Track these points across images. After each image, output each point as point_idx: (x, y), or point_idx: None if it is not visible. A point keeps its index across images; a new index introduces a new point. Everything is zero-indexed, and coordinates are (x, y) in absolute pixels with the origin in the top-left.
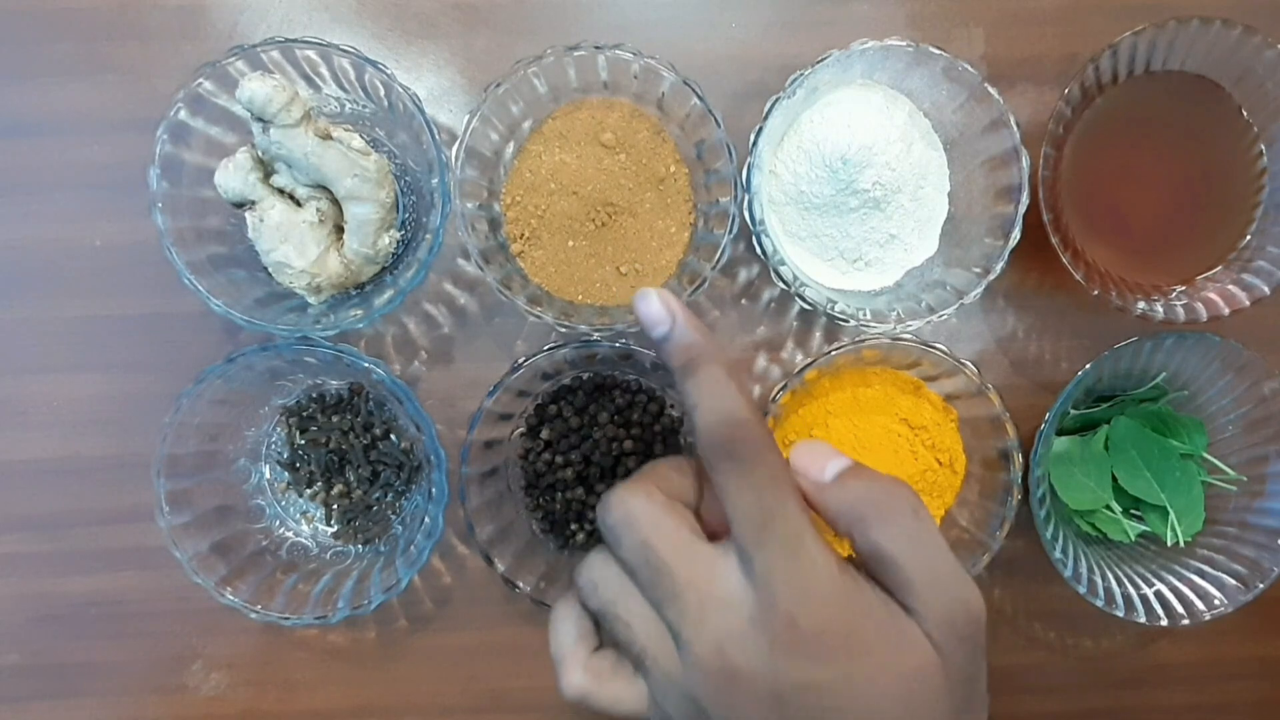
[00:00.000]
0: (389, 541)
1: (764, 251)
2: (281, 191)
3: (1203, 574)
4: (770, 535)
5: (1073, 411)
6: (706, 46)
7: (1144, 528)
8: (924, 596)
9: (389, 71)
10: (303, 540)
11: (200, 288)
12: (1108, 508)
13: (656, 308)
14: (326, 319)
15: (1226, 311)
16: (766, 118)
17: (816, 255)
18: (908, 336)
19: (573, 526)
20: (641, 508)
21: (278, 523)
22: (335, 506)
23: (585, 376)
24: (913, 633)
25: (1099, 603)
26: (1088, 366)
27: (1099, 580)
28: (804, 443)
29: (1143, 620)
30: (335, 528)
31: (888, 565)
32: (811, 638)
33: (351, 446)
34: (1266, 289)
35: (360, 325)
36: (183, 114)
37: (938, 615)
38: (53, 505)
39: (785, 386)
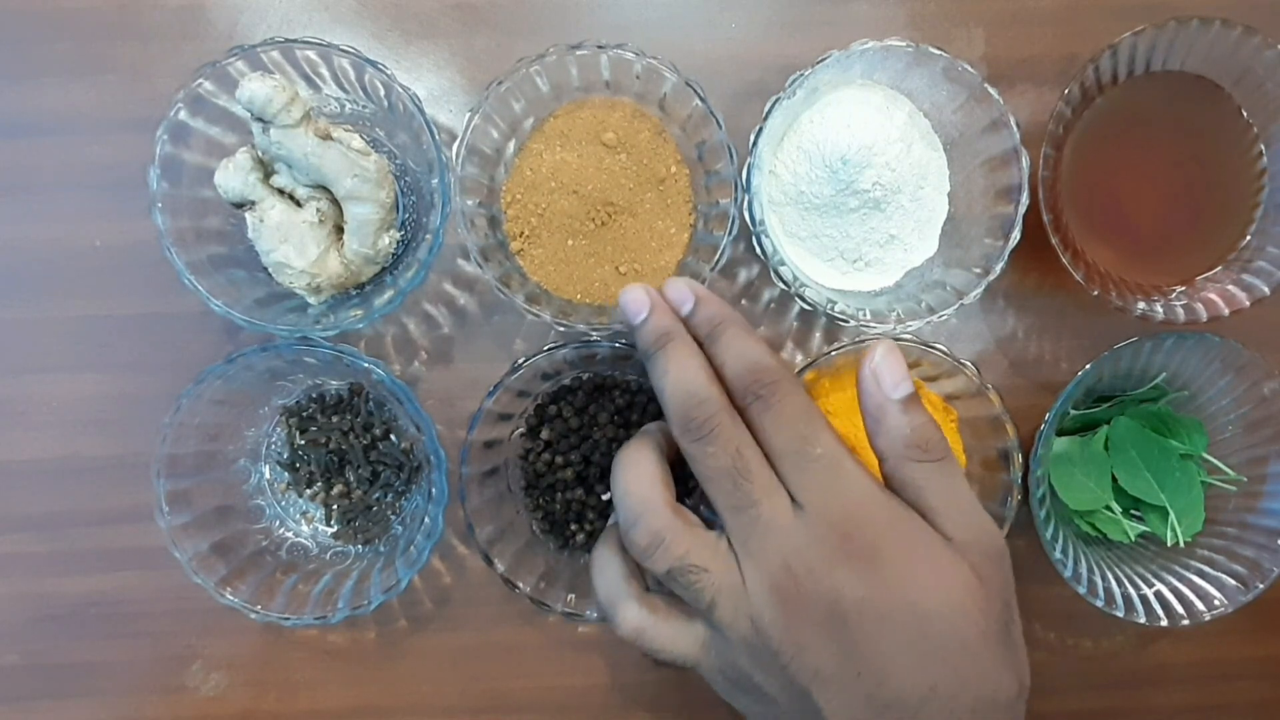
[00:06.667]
0: (389, 542)
1: (764, 252)
2: (281, 191)
3: (1203, 574)
4: (811, 460)
5: (1073, 412)
6: (707, 47)
7: (1144, 528)
8: (953, 527)
9: (389, 71)
10: (303, 540)
11: (200, 288)
12: (1108, 508)
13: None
14: (326, 319)
15: (1226, 311)
16: (766, 118)
17: (816, 255)
18: (908, 337)
19: (573, 527)
20: (732, 423)
21: (278, 523)
22: (335, 506)
23: (585, 376)
24: (951, 552)
25: (1099, 603)
26: (1088, 366)
27: (1099, 580)
28: (887, 345)
29: (1143, 620)
30: (335, 528)
31: (922, 495)
32: (867, 551)
33: (351, 447)
34: (1266, 289)
35: (360, 325)
36: (183, 114)
37: (967, 543)
38: (53, 505)
39: None
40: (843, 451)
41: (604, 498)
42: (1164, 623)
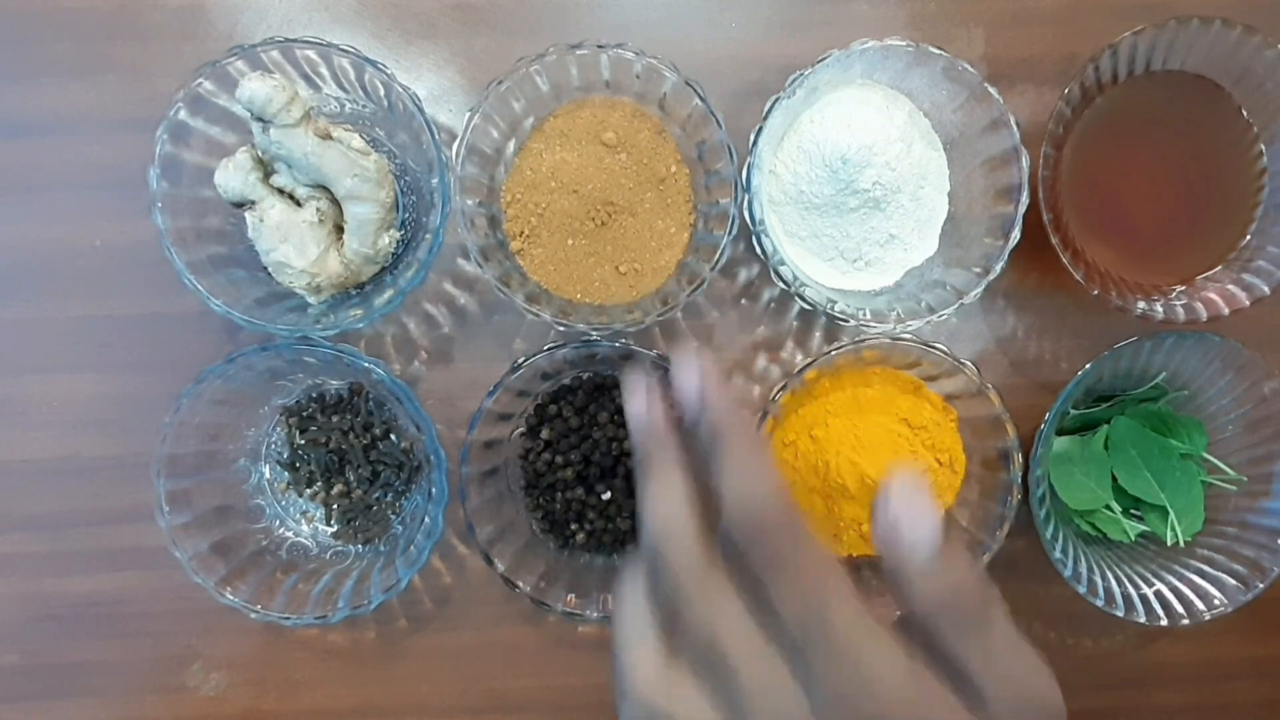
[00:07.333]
0: (389, 541)
1: (764, 251)
2: (281, 191)
3: (1203, 574)
4: (821, 639)
5: (1073, 411)
6: (707, 46)
7: (1144, 528)
8: (993, 690)
9: (389, 71)
10: (303, 540)
11: (200, 288)
12: (1108, 508)
13: (692, 382)
14: (326, 319)
15: (1226, 311)
16: (766, 118)
17: (816, 255)
18: (908, 336)
19: (573, 526)
20: (703, 590)
21: (278, 523)
22: (335, 506)
23: (585, 376)
24: None
25: (1099, 603)
26: (1088, 366)
27: (1099, 580)
28: (908, 482)
29: (1143, 620)
30: (335, 528)
31: (955, 655)
32: None
33: (351, 446)
34: (1266, 289)
35: (360, 325)
36: (183, 114)
37: (1006, 701)
38: (53, 505)
39: (785, 386)
40: (864, 629)
41: (604, 497)
42: (1164, 622)
